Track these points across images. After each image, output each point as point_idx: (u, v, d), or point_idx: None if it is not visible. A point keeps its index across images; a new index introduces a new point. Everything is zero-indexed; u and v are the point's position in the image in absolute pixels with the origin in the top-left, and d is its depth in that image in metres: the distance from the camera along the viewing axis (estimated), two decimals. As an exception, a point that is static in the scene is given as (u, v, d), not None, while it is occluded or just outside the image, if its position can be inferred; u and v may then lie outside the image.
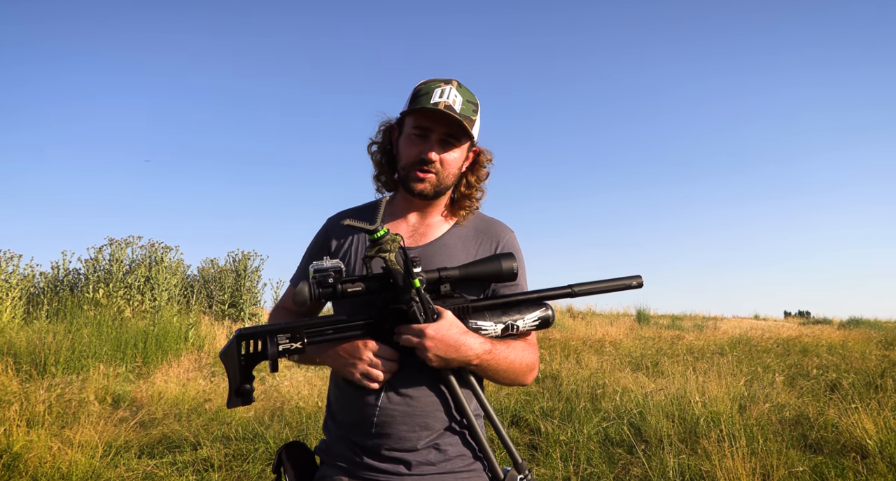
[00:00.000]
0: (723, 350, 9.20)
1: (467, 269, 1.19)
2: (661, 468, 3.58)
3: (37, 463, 3.30)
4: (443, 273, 1.17)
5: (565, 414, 4.90)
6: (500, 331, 1.19)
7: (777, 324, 18.41)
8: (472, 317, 1.18)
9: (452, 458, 1.24)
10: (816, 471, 3.53)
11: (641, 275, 1.26)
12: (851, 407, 4.45)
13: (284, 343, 1.12)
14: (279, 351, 1.11)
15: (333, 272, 1.14)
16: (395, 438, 1.21)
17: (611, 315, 17.07)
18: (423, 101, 1.26)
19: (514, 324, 1.20)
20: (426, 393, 1.23)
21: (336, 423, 1.30)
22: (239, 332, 1.13)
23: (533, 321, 1.21)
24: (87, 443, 3.61)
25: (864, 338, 11.63)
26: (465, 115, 1.28)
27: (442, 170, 1.31)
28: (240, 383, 1.13)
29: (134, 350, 6.96)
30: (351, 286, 1.13)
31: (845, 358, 8.45)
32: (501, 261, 1.21)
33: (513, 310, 1.21)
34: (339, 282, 1.13)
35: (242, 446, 4.14)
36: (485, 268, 1.20)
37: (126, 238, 10.61)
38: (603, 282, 1.24)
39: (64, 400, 4.62)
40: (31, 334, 6.86)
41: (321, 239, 1.43)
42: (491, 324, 1.19)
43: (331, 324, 1.15)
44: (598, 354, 8.36)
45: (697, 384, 5.23)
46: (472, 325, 1.17)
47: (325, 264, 1.14)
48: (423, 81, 1.32)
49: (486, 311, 1.20)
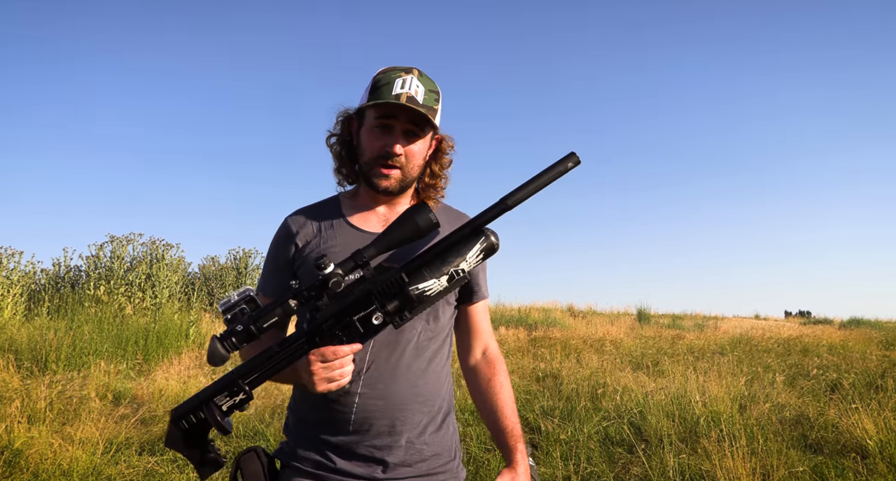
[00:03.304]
0: (723, 349, 9.20)
1: (381, 242, 1.08)
2: (662, 467, 3.58)
3: (38, 460, 3.31)
4: (357, 258, 1.06)
5: (565, 413, 4.90)
6: (447, 283, 1.07)
7: (778, 324, 18.41)
8: (412, 283, 1.06)
9: (428, 458, 1.24)
10: (816, 471, 3.53)
11: (575, 151, 1.09)
12: (852, 408, 4.45)
13: (225, 401, 1.03)
14: (224, 411, 1.03)
15: (246, 303, 1.02)
16: (372, 434, 1.19)
17: (611, 314, 17.07)
18: (384, 93, 1.21)
19: (458, 269, 1.07)
20: (403, 387, 1.22)
21: (304, 423, 1.25)
22: (173, 414, 1.04)
23: (477, 255, 1.09)
24: (88, 440, 3.61)
25: (865, 338, 11.62)
26: (427, 106, 1.23)
27: (406, 164, 1.26)
28: (200, 457, 1.07)
29: (135, 347, 6.97)
30: (266, 319, 1.01)
31: (846, 358, 8.45)
32: (416, 217, 1.08)
33: (451, 254, 1.08)
34: (251, 320, 1.00)
35: (243, 443, 4.15)
36: (401, 232, 1.08)
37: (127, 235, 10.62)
38: (536, 179, 1.07)
39: (65, 397, 4.63)
40: (33, 331, 6.87)
41: (283, 240, 1.32)
42: (433, 280, 1.06)
43: (268, 360, 1.05)
44: (599, 353, 8.36)
45: (698, 383, 5.23)
46: (413, 291, 1.05)
47: (232, 298, 1.02)
48: (382, 70, 1.26)
49: (423, 269, 1.07)
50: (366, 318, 1.06)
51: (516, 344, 9.24)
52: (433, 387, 1.27)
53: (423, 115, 1.21)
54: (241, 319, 1.01)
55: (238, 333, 1.00)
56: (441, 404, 1.29)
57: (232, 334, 1.00)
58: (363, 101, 1.27)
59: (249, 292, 1.02)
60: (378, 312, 1.05)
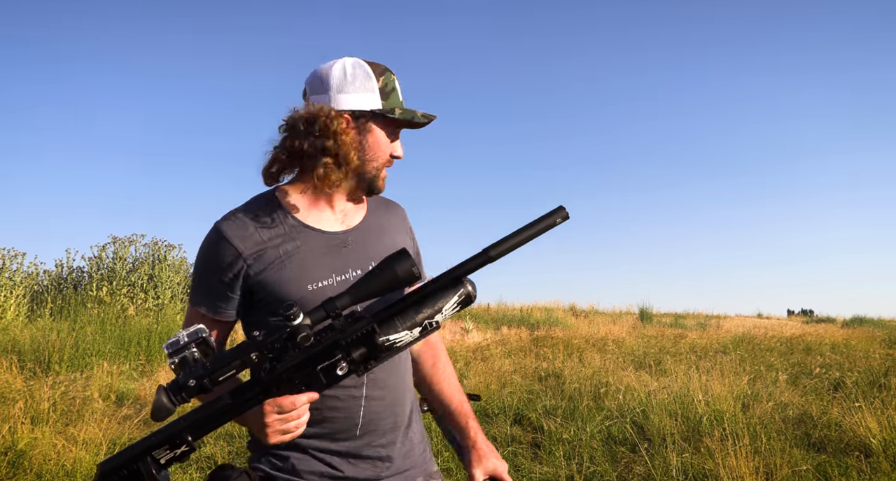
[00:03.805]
0: (726, 348, 9.19)
1: (357, 291, 0.99)
2: (665, 466, 3.58)
3: (41, 461, 3.32)
4: (328, 307, 0.97)
5: (568, 412, 4.90)
6: (419, 334, 1.01)
7: (780, 323, 18.38)
8: (382, 333, 0.99)
9: (417, 445, 1.27)
10: (820, 470, 3.53)
11: (564, 206, 1.05)
12: (855, 406, 4.44)
13: (165, 454, 0.92)
14: (162, 465, 0.92)
15: (196, 346, 0.90)
16: (378, 433, 1.19)
17: (613, 313, 17.06)
18: (394, 100, 1.22)
19: (432, 321, 1.02)
20: (399, 383, 1.23)
21: (307, 436, 1.14)
22: (101, 468, 0.91)
23: (453, 307, 1.03)
24: (92, 441, 3.62)
25: (868, 337, 11.59)
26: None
27: None
28: None
29: (137, 348, 6.98)
30: (223, 371, 0.90)
31: (849, 356, 8.43)
32: (395, 267, 0.99)
33: (426, 305, 1.01)
34: (205, 374, 0.89)
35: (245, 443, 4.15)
36: (379, 282, 1.00)
37: (129, 236, 10.63)
38: (522, 231, 1.03)
39: (68, 398, 4.64)
40: (36, 332, 6.88)
41: (224, 249, 1.14)
42: (405, 332, 1.00)
43: (218, 413, 0.95)
44: (601, 353, 8.36)
45: (700, 382, 5.22)
46: (384, 343, 0.99)
47: (182, 340, 0.90)
48: (378, 67, 1.21)
49: (395, 319, 1.00)
50: (330, 368, 0.98)
51: (518, 343, 9.23)
52: (411, 377, 1.30)
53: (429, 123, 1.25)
54: (193, 365, 0.90)
55: (189, 388, 0.89)
56: (413, 392, 1.32)
57: (182, 389, 0.89)
58: (369, 101, 1.19)
59: (201, 333, 0.91)
60: (343, 362, 0.99)
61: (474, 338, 10.08)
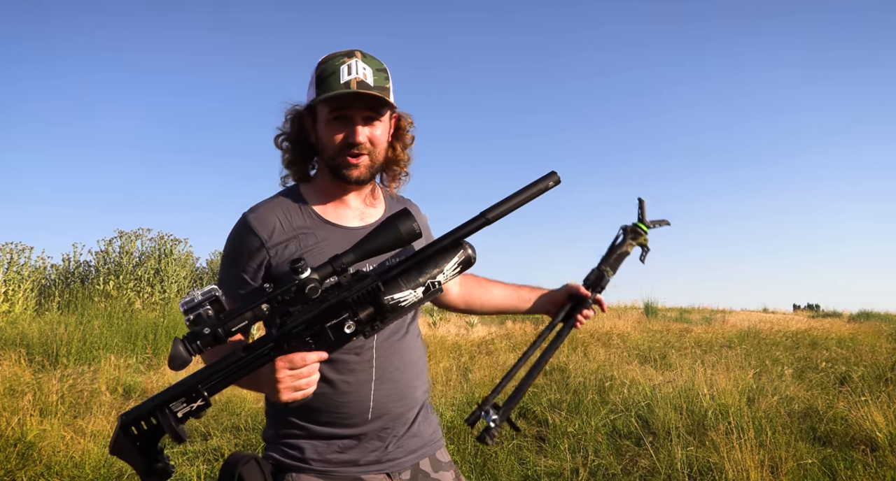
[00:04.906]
0: (731, 343, 9.16)
1: (362, 248, 1.04)
2: (669, 460, 3.58)
3: (50, 452, 3.35)
4: (335, 263, 1.01)
5: (573, 406, 4.91)
6: (422, 294, 1.05)
7: (786, 317, 18.30)
8: (387, 292, 1.02)
9: (426, 434, 1.29)
10: (825, 464, 3.52)
11: (556, 171, 1.08)
12: (861, 400, 4.42)
13: (182, 407, 0.95)
14: (179, 418, 0.95)
15: (210, 304, 0.94)
16: (389, 418, 1.21)
17: (618, 308, 17.03)
18: (332, 84, 1.15)
19: (434, 281, 1.05)
20: (408, 367, 1.25)
21: (309, 423, 1.20)
22: (122, 420, 0.95)
23: (454, 269, 1.06)
24: (100, 433, 3.65)
25: (875, 331, 11.53)
26: (379, 86, 1.18)
27: (374, 149, 1.23)
28: (147, 467, 0.98)
29: (144, 341, 7.03)
30: (236, 322, 0.95)
31: (855, 351, 8.39)
32: (398, 224, 1.04)
33: (428, 265, 1.05)
34: (219, 324, 0.94)
35: (252, 436, 4.18)
36: (382, 241, 1.04)
37: (136, 230, 10.70)
38: (516, 195, 1.07)
39: (76, 391, 4.68)
40: (44, 325, 6.94)
41: (246, 240, 1.21)
42: (409, 292, 1.03)
43: (231, 366, 0.99)
44: (606, 347, 8.35)
45: (706, 376, 5.21)
46: (388, 301, 1.02)
47: (196, 298, 0.95)
48: (323, 59, 1.20)
49: (399, 279, 1.04)
50: (338, 326, 1.02)
51: (523, 337, 9.24)
52: (423, 362, 1.32)
53: (379, 97, 1.17)
54: (207, 321, 0.94)
55: (204, 336, 0.94)
56: (426, 378, 1.34)
57: (197, 337, 0.93)
58: (311, 96, 1.21)
59: (214, 292, 0.95)
60: (350, 321, 1.02)
61: (479, 333, 10.10)
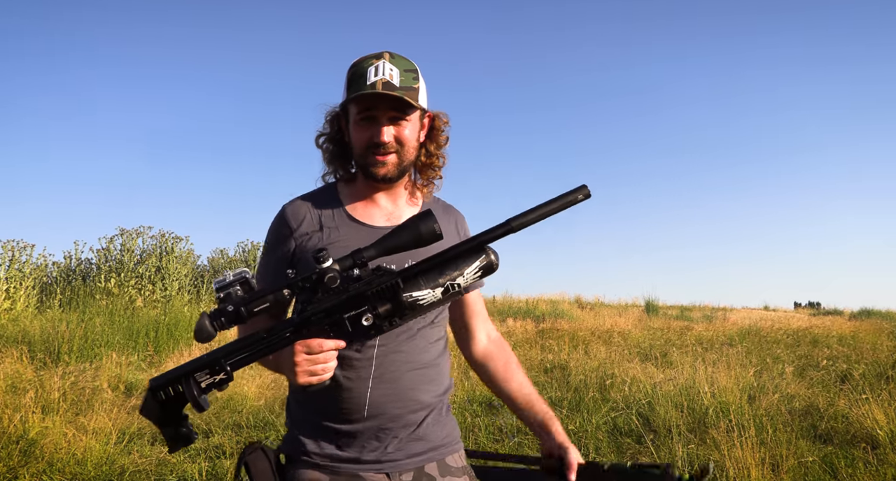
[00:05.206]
0: (732, 341, 9.16)
1: (384, 244, 1.07)
2: (670, 457, 3.59)
3: (52, 449, 3.36)
4: (356, 256, 1.05)
5: (574, 403, 4.91)
6: (441, 295, 1.05)
7: (787, 315, 18.30)
8: (406, 290, 1.04)
9: (432, 439, 1.27)
10: (826, 462, 3.52)
11: (587, 184, 1.08)
12: (862, 398, 4.42)
13: (205, 379, 1.02)
14: (203, 388, 1.02)
15: (240, 285, 1.01)
16: (386, 418, 1.21)
17: (619, 305, 17.04)
18: (360, 85, 1.19)
19: (454, 283, 1.05)
20: (413, 370, 1.24)
21: (314, 415, 1.24)
22: (151, 383, 1.03)
23: (475, 273, 1.06)
24: (101, 430, 3.66)
25: (876, 329, 11.53)
26: (406, 87, 1.21)
27: (401, 148, 1.25)
28: (172, 431, 1.05)
29: (146, 339, 7.05)
30: (257, 304, 1.01)
31: (856, 348, 8.39)
32: (419, 224, 1.06)
33: (449, 267, 1.06)
34: (242, 303, 1.00)
35: (254, 434, 4.19)
36: (403, 238, 1.07)
37: (137, 228, 10.70)
38: (544, 206, 1.06)
39: (78, 388, 4.69)
40: (45, 323, 6.95)
41: (281, 230, 1.30)
42: (428, 291, 1.04)
43: (252, 344, 1.04)
44: (607, 345, 8.35)
45: (706, 374, 5.21)
46: (407, 298, 1.04)
47: (227, 278, 1.02)
48: (354, 62, 1.24)
49: (419, 278, 1.05)
50: (356, 318, 1.05)
51: (524, 335, 9.24)
52: (441, 370, 1.30)
53: (401, 98, 1.19)
54: (233, 300, 1.01)
55: (228, 313, 1.00)
56: (448, 386, 1.32)
57: (222, 314, 1.00)
58: (343, 97, 1.27)
59: (245, 274, 1.02)
60: (369, 313, 1.04)
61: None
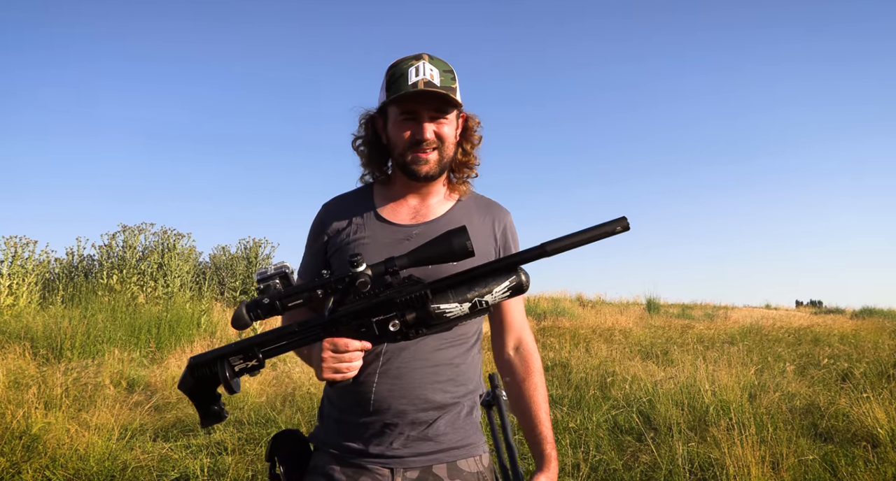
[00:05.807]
0: (733, 339, 9.16)
1: (416, 254, 1.10)
2: (671, 455, 3.59)
3: (55, 445, 3.37)
4: (389, 264, 1.08)
5: (575, 401, 4.92)
6: (468, 310, 1.06)
7: (788, 314, 18.29)
8: (434, 301, 1.05)
9: (444, 440, 1.25)
10: (826, 460, 3.52)
11: (626, 216, 1.06)
12: (863, 397, 4.42)
13: (239, 363, 1.09)
14: (236, 372, 1.09)
15: (279, 278, 1.07)
16: (392, 414, 1.22)
17: (620, 304, 17.03)
18: (401, 85, 1.23)
19: (482, 300, 1.05)
20: (423, 367, 1.24)
21: (332, 407, 1.30)
22: (191, 361, 1.10)
23: (503, 292, 1.06)
24: (104, 426, 3.67)
25: (877, 328, 11.53)
26: (446, 86, 1.25)
27: (442, 146, 1.29)
28: (207, 407, 1.14)
29: (148, 335, 7.06)
30: (292, 299, 1.06)
31: (857, 347, 8.39)
32: (452, 239, 1.08)
33: (479, 283, 1.06)
34: (278, 297, 1.06)
35: (255, 430, 4.20)
36: (435, 251, 1.09)
37: (139, 225, 10.72)
38: (580, 234, 1.06)
39: (80, 384, 4.71)
40: (48, 319, 6.97)
41: (317, 227, 1.38)
42: (455, 305, 1.05)
43: (284, 337, 1.10)
44: (608, 343, 8.36)
45: (707, 373, 5.21)
46: (434, 310, 1.05)
47: (269, 271, 1.08)
48: (392, 63, 1.28)
49: (448, 291, 1.06)
50: (384, 323, 1.09)
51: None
52: (461, 371, 1.28)
53: (445, 95, 1.24)
54: (271, 293, 1.06)
55: (264, 306, 1.05)
56: (471, 388, 1.30)
57: (258, 305, 1.05)
58: (382, 98, 1.29)
59: (284, 269, 1.08)
60: (396, 320, 1.08)
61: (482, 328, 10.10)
